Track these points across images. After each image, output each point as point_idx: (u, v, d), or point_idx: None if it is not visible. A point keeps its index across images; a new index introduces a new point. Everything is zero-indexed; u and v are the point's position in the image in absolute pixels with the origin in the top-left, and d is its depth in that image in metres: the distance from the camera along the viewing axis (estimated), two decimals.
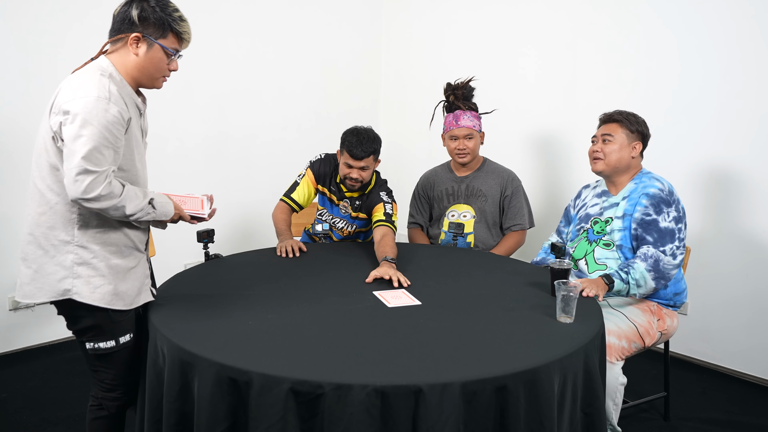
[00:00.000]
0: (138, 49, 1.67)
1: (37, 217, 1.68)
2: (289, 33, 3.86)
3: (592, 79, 3.34)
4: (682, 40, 3.00)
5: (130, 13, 1.65)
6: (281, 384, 1.40)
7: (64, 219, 1.66)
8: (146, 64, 1.69)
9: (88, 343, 1.75)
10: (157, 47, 1.68)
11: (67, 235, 1.66)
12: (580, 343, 1.64)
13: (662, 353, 2.55)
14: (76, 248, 1.67)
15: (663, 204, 2.22)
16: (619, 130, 2.32)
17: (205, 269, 2.28)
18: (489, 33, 3.76)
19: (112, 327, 1.73)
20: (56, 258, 1.67)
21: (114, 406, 1.83)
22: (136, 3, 1.66)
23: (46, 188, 1.66)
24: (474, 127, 2.77)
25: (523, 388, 1.46)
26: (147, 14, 1.65)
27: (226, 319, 1.76)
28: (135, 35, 1.65)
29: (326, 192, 2.76)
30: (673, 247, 2.19)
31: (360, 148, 2.49)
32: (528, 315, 1.84)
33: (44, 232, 1.67)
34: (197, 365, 1.51)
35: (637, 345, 2.18)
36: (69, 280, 1.67)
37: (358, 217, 2.75)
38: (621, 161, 2.31)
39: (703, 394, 2.83)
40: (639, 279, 2.14)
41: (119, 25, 1.67)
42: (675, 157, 3.04)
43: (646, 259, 2.16)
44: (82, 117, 1.56)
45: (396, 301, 1.94)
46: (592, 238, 2.36)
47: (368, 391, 1.37)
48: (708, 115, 2.95)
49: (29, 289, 1.70)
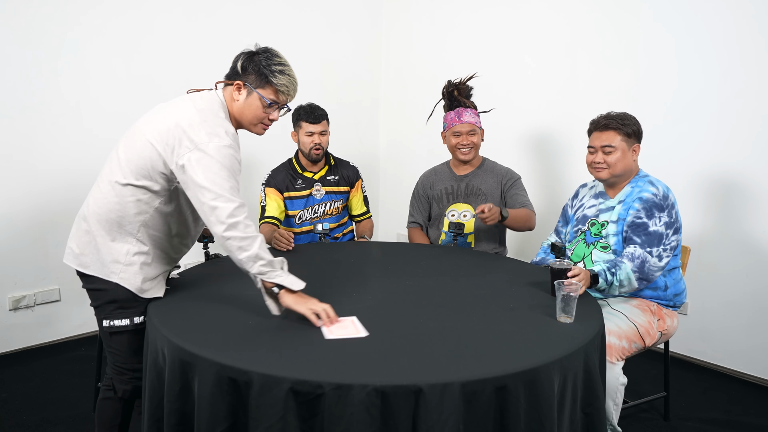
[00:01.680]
0: (239, 95, 1.88)
1: (113, 204, 1.83)
2: (288, 31, 3.86)
3: (591, 80, 3.34)
4: (680, 39, 3.01)
5: (238, 63, 1.88)
6: (281, 384, 1.40)
7: (138, 215, 1.84)
8: (245, 110, 1.89)
9: (105, 320, 1.89)
10: (255, 95, 1.87)
11: (134, 229, 1.85)
12: (580, 343, 1.64)
13: (662, 353, 2.55)
14: (137, 242, 1.86)
15: (655, 209, 2.22)
16: (617, 138, 2.28)
17: (205, 269, 2.28)
18: (489, 33, 3.77)
19: (129, 306, 1.87)
20: (115, 243, 1.85)
21: (122, 390, 1.93)
22: (245, 55, 1.89)
23: (136, 187, 1.82)
24: (476, 123, 2.80)
25: (523, 388, 1.46)
26: (250, 65, 1.86)
27: (225, 319, 1.76)
28: (238, 83, 1.87)
29: (295, 195, 2.89)
30: (660, 250, 2.19)
31: (315, 113, 2.83)
32: (528, 315, 1.84)
33: (114, 218, 1.83)
34: (197, 365, 1.51)
35: (638, 345, 2.19)
36: (119, 266, 1.85)
37: (338, 191, 2.93)
38: (626, 168, 2.31)
39: (703, 394, 2.84)
40: (624, 279, 2.15)
41: (231, 71, 1.91)
42: (675, 157, 3.04)
43: (633, 260, 2.16)
44: (217, 161, 1.73)
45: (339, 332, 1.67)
46: (590, 240, 2.36)
47: (368, 390, 1.37)
48: (708, 115, 2.96)
49: (83, 260, 1.87)
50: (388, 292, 2.07)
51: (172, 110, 1.85)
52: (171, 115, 1.82)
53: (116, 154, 1.87)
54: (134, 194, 1.82)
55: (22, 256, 3.12)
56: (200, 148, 1.73)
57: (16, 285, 3.13)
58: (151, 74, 3.36)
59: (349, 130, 4.26)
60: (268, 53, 1.89)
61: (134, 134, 1.86)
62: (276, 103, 1.89)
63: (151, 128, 1.83)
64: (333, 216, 2.95)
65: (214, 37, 3.55)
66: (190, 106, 1.84)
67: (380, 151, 4.50)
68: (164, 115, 1.84)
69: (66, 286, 3.24)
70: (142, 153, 1.80)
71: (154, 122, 1.84)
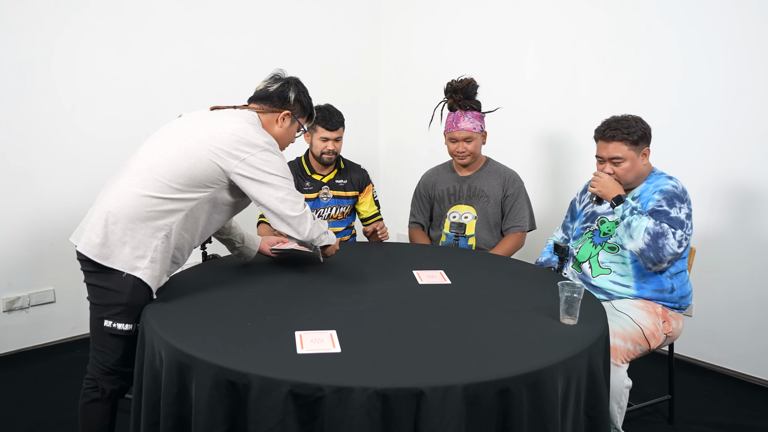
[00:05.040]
0: (284, 123, 2.02)
1: (148, 200, 1.82)
2: (288, 30, 3.85)
3: (595, 77, 3.34)
4: (685, 36, 3.00)
5: (288, 94, 2.00)
6: (280, 387, 1.40)
7: (172, 213, 1.85)
8: (285, 136, 2.04)
9: (107, 321, 1.84)
10: (296, 124, 2.06)
11: (166, 225, 1.84)
12: (584, 345, 1.64)
13: (667, 355, 2.55)
14: (165, 238, 1.85)
15: (676, 199, 2.20)
16: (624, 148, 2.24)
17: (202, 270, 2.28)
18: (490, 30, 3.76)
19: (136, 312, 1.85)
20: (144, 238, 1.82)
21: (109, 389, 1.91)
22: (293, 87, 2.02)
23: (176, 185, 1.83)
24: (474, 129, 2.74)
25: (526, 390, 1.46)
26: (300, 98, 2.03)
27: (224, 320, 1.76)
28: (286, 112, 2.00)
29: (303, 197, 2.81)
30: (681, 235, 2.16)
31: (333, 120, 2.77)
32: (531, 316, 1.83)
33: (148, 212, 1.82)
34: (195, 368, 1.51)
35: (643, 347, 2.18)
36: (145, 261, 1.82)
37: (346, 196, 2.87)
38: (637, 174, 2.28)
39: (708, 396, 2.84)
40: (636, 227, 2.12)
41: (276, 99, 2.00)
42: (680, 157, 3.03)
43: (655, 223, 2.12)
44: (280, 164, 1.90)
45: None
46: (598, 240, 2.35)
47: (369, 393, 1.37)
48: (714, 113, 2.95)
49: (104, 251, 1.81)
50: (389, 293, 2.06)
51: (221, 120, 1.91)
52: (224, 126, 1.88)
53: (158, 153, 1.87)
54: (174, 192, 1.84)
55: (16, 257, 3.11)
56: (259, 154, 1.86)
57: (10, 286, 3.12)
58: (147, 73, 3.35)
59: (349, 129, 4.20)
60: (302, 84, 2.05)
61: (180, 136, 1.89)
62: (305, 129, 2.10)
63: (202, 132, 1.87)
64: (338, 220, 2.90)
65: (211, 36, 3.55)
66: (237, 118, 1.92)
67: (380, 151, 4.50)
68: (215, 124, 1.89)
69: (61, 288, 3.23)
70: (192, 155, 1.84)
71: (205, 127, 1.89)
